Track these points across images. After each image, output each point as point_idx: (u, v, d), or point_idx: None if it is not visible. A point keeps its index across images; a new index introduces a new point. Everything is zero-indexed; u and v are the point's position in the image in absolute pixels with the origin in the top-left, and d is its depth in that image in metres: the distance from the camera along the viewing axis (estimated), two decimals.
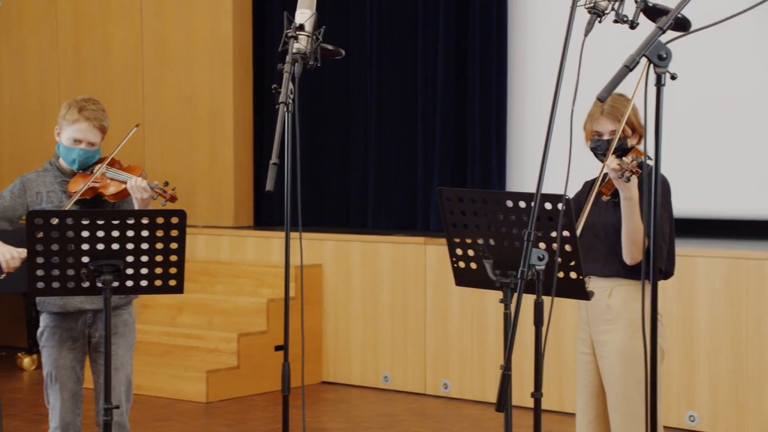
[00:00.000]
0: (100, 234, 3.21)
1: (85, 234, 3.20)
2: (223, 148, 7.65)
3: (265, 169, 7.45)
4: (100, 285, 3.24)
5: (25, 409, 6.04)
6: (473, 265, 3.31)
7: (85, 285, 3.26)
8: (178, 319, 6.89)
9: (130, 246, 3.23)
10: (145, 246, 3.24)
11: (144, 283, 3.30)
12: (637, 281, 3.46)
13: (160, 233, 3.24)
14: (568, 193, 3.56)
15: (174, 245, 3.26)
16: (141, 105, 7.97)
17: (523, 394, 4.75)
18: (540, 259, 2.75)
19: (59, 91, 8.27)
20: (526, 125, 6.71)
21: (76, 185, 3.73)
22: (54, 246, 3.20)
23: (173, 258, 3.28)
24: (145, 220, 3.23)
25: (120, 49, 8.04)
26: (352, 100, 7.43)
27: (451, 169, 6.93)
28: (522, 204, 3.11)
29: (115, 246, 3.22)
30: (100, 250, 3.22)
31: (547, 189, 2.90)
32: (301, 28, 3.16)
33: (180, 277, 3.32)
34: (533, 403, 2.97)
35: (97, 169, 3.73)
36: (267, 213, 7.77)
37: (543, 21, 6.58)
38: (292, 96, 3.14)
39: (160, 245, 3.25)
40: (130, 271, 3.27)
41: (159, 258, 3.26)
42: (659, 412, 3.49)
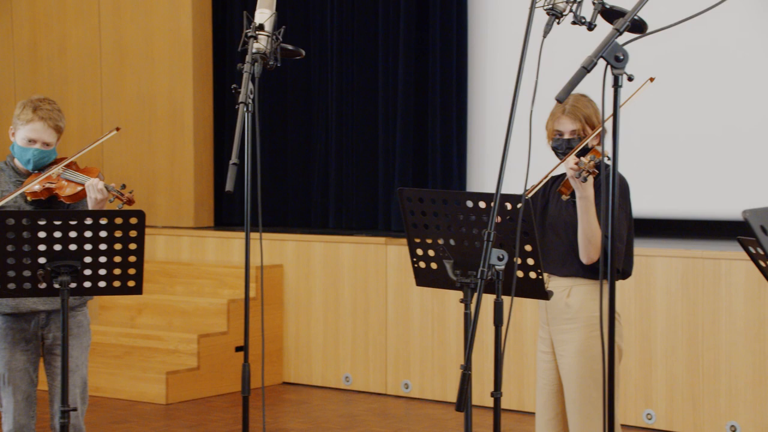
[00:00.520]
0: (57, 235, 3.17)
1: (41, 235, 3.17)
2: (183, 149, 7.60)
3: (225, 170, 7.42)
4: (57, 286, 3.20)
5: None
6: (434, 265, 3.32)
7: (42, 286, 3.23)
8: (138, 320, 6.83)
9: (87, 247, 3.20)
10: (103, 247, 3.21)
11: (102, 284, 3.27)
12: (596, 281, 3.49)
13: (118, 234, 3.22)
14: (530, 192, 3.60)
15: (133, 246, 3.24)
16: (99, 105, 7.89)
17: (484, 393, 4.79)
18: (500, 259, 2.76)
19: (15, 90, 8.16)
20: (487, 125, 6.74)
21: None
22: (9, 247, 3.16)
23: (132, 259, 3.26)
24: (103, 221, 3.20)
25: (77, 49, 7.96)
26: (313, 100, 7.42)
27: (412, 169, 6.94)
28: (482, 204, 3.13)
29: (72, 247, 3.19)
30: (58, 251, 3.18)
31: (507, 189, 2.92)
32: (260, 27, 3.15)
33: (139, 277, 3.30)
34: (493, 402, 2.98)
35: (53, 169, 3.69)
36: (227, 213, 7.74)
37: (503, 22, 6.62)
38: (252, 96, 3.13)
39: (118, 246, 3.22)
40: (87, 272, 3.24)
41: (117, 259, 3.24)
42: (617, 411, 3.53)
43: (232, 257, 6.99)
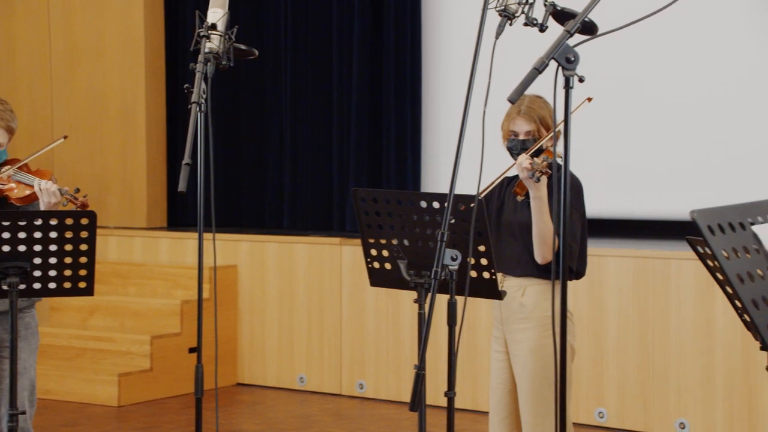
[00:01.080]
0: (6, 235, 3.13)
1: None
2: (136, 149, 7.53)
3: (178, 170, 7.36)
4: (5, 287, 3.16)
5: None
6: (388, 266, 3.32)
7: None
8: (89, 321, 6.76)
9: (37, 248, 3.16)
10: (53, 247, 3.18)
11: (52, 285, 3.24)
12: (550, 281, 3.52)
13: (69, 234, 3.18)
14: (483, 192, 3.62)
15: (84, 246, 3.20)
16: (49, 105, 7.79)
17: (438, 393, 4.78)
18: (453, 260, 2.77)
19: None
20: (441, 126, 6.77)
21: None
22: None
23: (83, 260, 3.22)
24: (53, 221, 3.17)
25: (27, 48, 7.84)
26: (267, 100, 7.39)
27: (366, 169, 6.95)
28: (436, 204, 3.14)
29: (21, 248, 3.15)
30: (6, 251, 3.14)
31: (462, 189, 2.93)
32: (213, 27, 3.14)
33: (90, 278, 3.26)
34: (447, 402, 2.99)
35: (4, 170, 3.64)
36: (181, 214, 7.68)
37: (456, 22, 6.65)
38: (204, 96, 3.11)
39: (69, 247, 3.19)
40: (37, 273, 3.20)
41: (68, 260, 3.20)
42: (569, 409, 3.56)
43: (185, 258, 6.94)
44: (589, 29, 2.52)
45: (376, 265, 3.35)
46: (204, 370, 3.16)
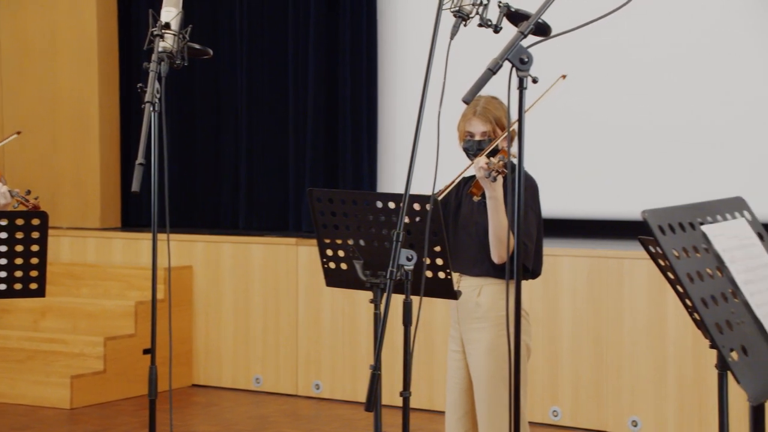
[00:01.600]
0: None
1: None
2: (89, 148, 7.45)
3: (132, 170, 7.29)
4: None
5: None
6: (344, 266, 3.32)
7: None
8: (41, 323, 6.67)
9: None
10: (3, 248, 3.14)
11: (2, 286, 3.19)
12: (506, 280, 3.53)
13: (20, 235, 3.14)
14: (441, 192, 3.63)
15: (35, 247, 3.17)
16: None
17: (394, 393, 4.79)
18: (409, 260, 2.78)
19: None
20: (397, 126, 6.78)
21: None
22: None
23: (34, 260, 3.18)
24: (3, 222, 3.12)
25: None
26: (223, 99, 7.35)
27: (322, 169, 6.94)
28: (391, 205, 3.14)
29: None
30: None
31: (418, 189, 2.94)
32: (167, 26, 3.11)
33: (41, 280, 3.22)
34: (402, 402, 2.99)
35: None
36: (135, 214, 7.61)
37: (412, 22, 6.67)
38: (158, 95, 3.09)
39: (19, 247, 3.15)
40: None
41: (19, 261, 3.16)
42: (525, 408, 3.59)
43: (139, 258, 6.88)
44: (542, 30, 2.54)
45: (332, 265, 3.35)
46: (158, 371, 3.13)
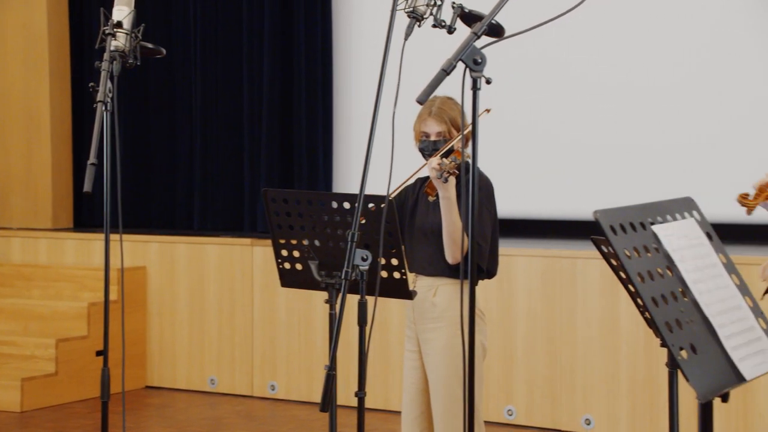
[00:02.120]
0: None
1: None
2: (40, 148, 7.35)
3: (85, 170, 7.21)
4: None
5: None
6: (299, 266, 3.32)
7: None
8: None
9: None
10: None
11: None
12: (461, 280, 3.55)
13: None
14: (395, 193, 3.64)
15: None
16: None
17: (349, 393, 4.79)
18: (364, 260, 2.78)
19: None
20: (353, 126, 6.78)
21: None
22: None
23: None
24: None
25: None
26: (177, 99, 7.30)
27: (278, 169, 6.91)
28: (346, 205, 3.14)
29: None
30: None
31: (374, 189, 2.94)
32: (119, 25, 3.09)
33: None
34: (357, 402, 3.00)
35: None
36: (87, 214, 7.52)
37: (367, 23, 6.67)
38: (110, 95, 3.06)
39: None
40: None
41: None
42: (480, 407, 3.61)
43: (92, 259, 6.80)
44: (496, 31, 2.56)
45: (287, 265, 3.35)
46: (111, 373, 3.11)
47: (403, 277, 3.24)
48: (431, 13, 2.68)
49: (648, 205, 2.19)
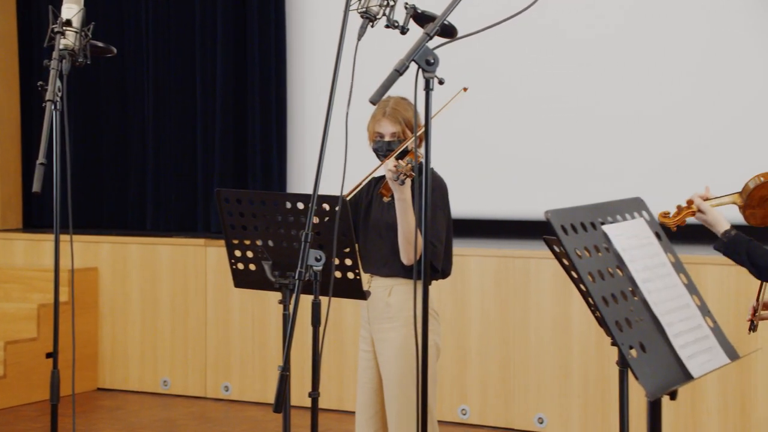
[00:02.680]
0: None
1: None
2: None
3: (34, 170, 7.11)
4: None
5: None
6: (252, 267, 3.31)
7: None
8: None
9: None
10: None
11: None
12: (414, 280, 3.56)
13: None
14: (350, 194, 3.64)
15: None
16: None
17: (303, 393, 4.79)
18: (317, 260, 2.78)
19: None
20: (307, 126, 6.77)
21: None
22: None
23: None
24: None
25: None
26: (129, 98, 7.23)
27: (231, 169, 6.88)
28: (300, 205, 3.14)
29: None
30: None
31: (328, 190, 2.94)
32: (68, 23, 3.05)
33: None
34: (311, 402, 2.99)
35: None
36: (37, 215, 7.42)
37: (321, 22, 6.66)
38: (60, 94, 3.02)
39: None
40: None
41: None
42: (433, 407, 3.62)
43: (42, 260, 6.71)
44: (448, 32, 2.57)
45: (241, 266, 3.33)
46: (61, 375, 3.07)
47: (357, 277, 3.24)
48: (384, 14, 2.68)
49: (598, 206, 2.21)
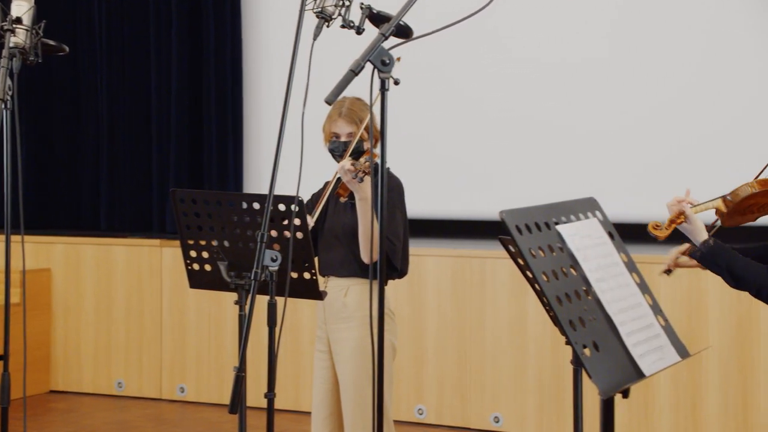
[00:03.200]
0: None
1: None
2: None
3: None
4: None
5: None
6: (208, 267, 3.29)
7: None
8: None
9: None
10: None
11: None
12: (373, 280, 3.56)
13: None
14: (308, 194, 3.63)
15: None
16: None
17: (259, 394, 4.78)
18: (273, 260, 2.77)
19: None
20: (263, 126, 6.74)
21: None
22: None
23: None
24: None
25: None
26: (83, 97, 7.15)
27: (187, 169, 6.83)
28: (256, 205, 3.13)
29: None
30: None
31: (285, 190, 2.93)
32: (18, 21, 3.00)
33: None
34: (267, 403, 2.98)
35: None
36: None
37: (277, 22, 6.65)
38: (10, 92, 2.98)
39: None
40: None
41: None
42: (389, 407, 3.62)
43: None
44: (404, 33, 2.57)
45: (196, 266, 3.31)
46: (12, 377, 3.03)
47: (314, 277, 3.23)
48: (340, 14, 2.69)
49: (552, 206, 2.23)
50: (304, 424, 5.42)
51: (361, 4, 2.72)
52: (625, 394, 2.09)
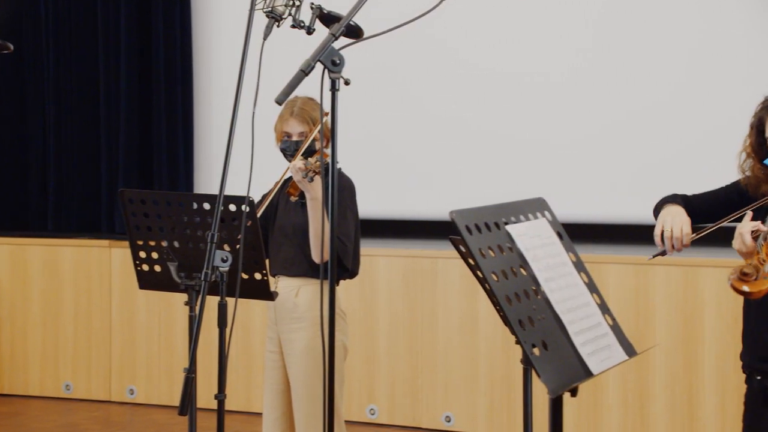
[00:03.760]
0: None
1: None
2: None
3: None
4: None
5: None
6: (157, 268, 3.27)
7: None
8: None
9: None
10: None
11: None
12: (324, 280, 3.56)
13: None
14: (259, 194, 3.62)
15: None
16: None
17: (210, 396, 4.76)
18: (224, 261, 2.76)
19: None
20: (214, 126, 6.70)
21: None
22: None
23: None
24: None
25: None
26: (28, 96, 7.04)
27: (137, 170, 6.77)
28: (206, 206, 3.12)
29: None
30: None
31: (236, 190, 2.92)
32: None
33: None
34: (217, 404, 2.97)
35: None
36: None
37: (227, 22, 6.61)
38: None
39: None
40: None
41: None
42: (341, 407, 3.63)
43: None
44: (354, 33, 2.58)
45: (146, 267, 3.29)
46: None
47: (264, 278, 3.23)
48: (290, 14, 2.68)
49: (502, 206, 2.24)
50: (255, 425, 5.40)
51: (312, 4, 2.72)
52: (573, 392, 2.11)
